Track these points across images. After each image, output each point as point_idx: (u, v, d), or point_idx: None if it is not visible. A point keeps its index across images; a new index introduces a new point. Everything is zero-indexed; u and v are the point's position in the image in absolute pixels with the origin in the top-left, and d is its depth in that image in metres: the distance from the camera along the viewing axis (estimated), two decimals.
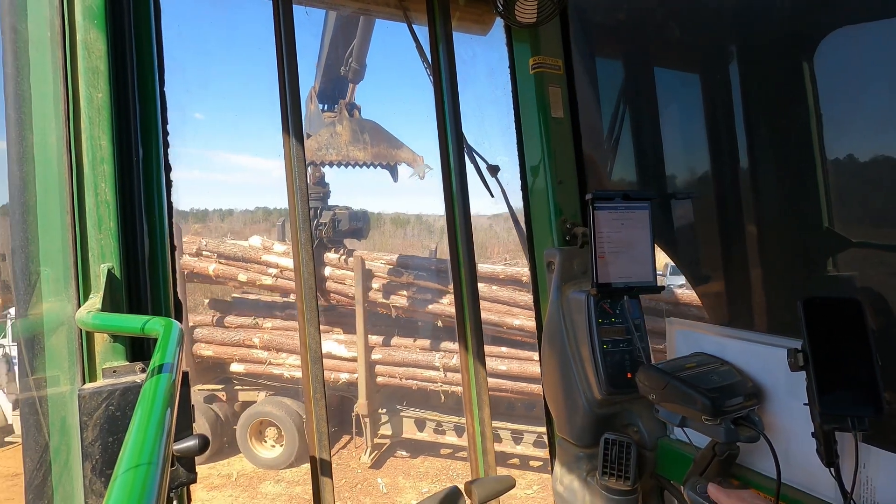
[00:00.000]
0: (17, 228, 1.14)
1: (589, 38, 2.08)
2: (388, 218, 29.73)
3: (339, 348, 7.06)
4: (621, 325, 1.51)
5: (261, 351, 7.27)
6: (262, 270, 7.42)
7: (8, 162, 1.15)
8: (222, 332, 7.39)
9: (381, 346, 7.01)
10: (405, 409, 7.15)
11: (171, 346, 0.83)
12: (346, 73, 5.82)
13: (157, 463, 0.51)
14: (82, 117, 1.17)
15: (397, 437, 7.23)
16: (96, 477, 1.01)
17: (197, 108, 67.24)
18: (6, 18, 1.15)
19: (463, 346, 1.92)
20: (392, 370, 6.94)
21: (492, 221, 24.24)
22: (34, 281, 1.15)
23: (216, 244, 7.82)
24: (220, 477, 7.06)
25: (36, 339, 1.16)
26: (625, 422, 1.54)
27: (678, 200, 2.07)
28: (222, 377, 7.69)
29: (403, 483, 6.81)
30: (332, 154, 5.83)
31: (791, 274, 1.80)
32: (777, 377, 1.17)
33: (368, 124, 6.14)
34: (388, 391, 7.20)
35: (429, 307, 6.89)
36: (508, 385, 6.54)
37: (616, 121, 2.12)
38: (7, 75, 1.15)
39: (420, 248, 21.23)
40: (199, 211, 28.53)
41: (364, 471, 6.99)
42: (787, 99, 1.69)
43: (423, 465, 7.24)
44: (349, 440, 7.52)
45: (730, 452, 1.16)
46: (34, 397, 1.15)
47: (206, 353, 7.40)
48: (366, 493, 6.59)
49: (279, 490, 6.79)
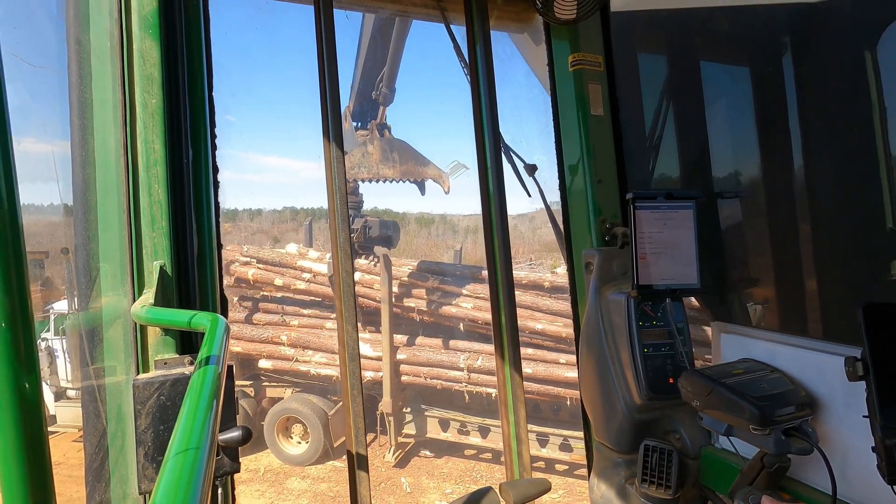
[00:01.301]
0: (80, 227, 1.22)
1: (631, 34, 2.03)
2: (412, 217, 29.95)
3: (365, 347, 7.17)
4: (663, 329, 1.46)
5: (288, 348, 7.49)
6: (297, 275, 7.68)
7: (72, 165, 1.23)
8: (251, 329, 7.66)
9: (406, 346, 7.10)
10: (430, 408, 7.17)
11: (217, 340, 0.87)
12: (377, 97, 6.16)
13: (203, 452, 0.53)
14: (138, 122, 1.23)
15: (421, 436, 7.26)
16: (148, 462, 1.07)
17: (234, 111, 70.14)
18: (71, 31, 1.24)
19: (498, 347, 1.91)
20: (417, 370, 7.01)
21: (516, 222, 23.98)
22: (94, 276, 1.22)
23: (256, 250, 8.20)
24: (248, 471, 7.23)
25: (95, 331, 1.23)
26: (666, 428, 1.49)
27: (724, 200, 1.99)
28: (251, 373, 7.92)
29: (427, 483, 6.80)
30: (363, 172, 6.19)
31: (850, 278, 1.70)
32: (833, 387, 1.11)
33: (398, 143, 6.46)
34: (413, 391, 7.25)
35: (452, 311, 6.94)
36: (535, 388, 6.47)
37: (659, 117, 2.05)
38: (72, 84, 1.23)
39: (444, 248, 21.23)
40: (230, 210, 29.66)
41: (388, 469, 7.02)
42: (846, 92, 1.59)
43: (447, 466, 7.22)
44: (373, 438, 7.56)
45: (780, 465, 1.11)
46: (94, 385, 1.22)
47: (235, 349, 7.67)
48: (390, 492, 6.62)
49: (304, 486, 6.89)
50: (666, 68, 2.14)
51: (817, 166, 1.73)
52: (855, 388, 0.99)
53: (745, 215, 1.99)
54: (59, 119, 1.24)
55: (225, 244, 8.55)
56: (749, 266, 2.00)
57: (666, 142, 2.06)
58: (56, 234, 1.29)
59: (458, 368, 6.82)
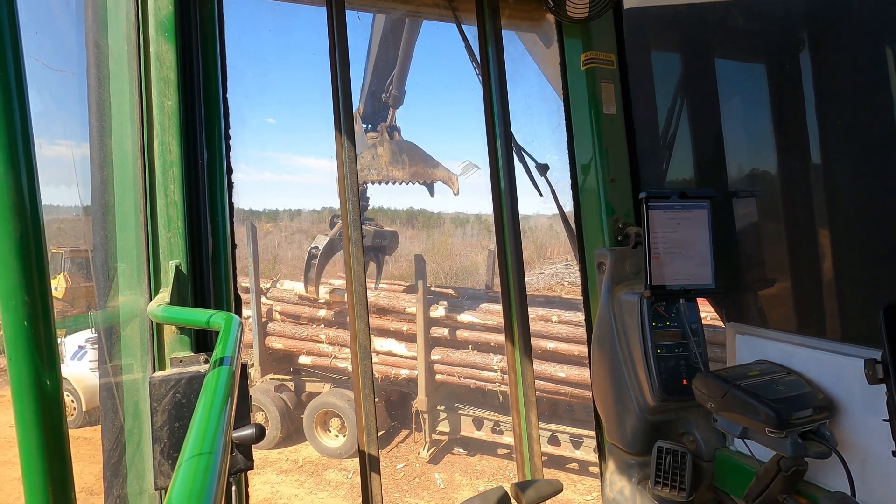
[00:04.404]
0: (98, 227, 1.25)
1: (644, 32, 2.01)
2: (448, 217, 30.02)
3: (400, 347, 7.38)
4: (677, 329, 1.44)
5: (326, 346, 7.77)
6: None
7: (91, 166, 1.25)
8: (292, 328, 7.97)
9: (440, 348, 7.25)
10: (463, 407, 7.29)
11: (231, 339, 0.88)
12: (387, 99, 6.21)
13: (218, 449, 0.54)
14: (154, 124, 1.26)
15: (455, 434, 7.39)
16: (164, 459, 1.09)
17: (275, 114, 71.02)
18: (90, 35, 1.26)
19: (510, 346, 1.91)
20: (450, 369, 7.15)
21: (552, 221, 23.89)
22: (112, 275, 1.25)
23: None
24: (288, 462, 7.49)
25: (113, 329, 1.26)
26: (680, 430, 1.48)
27: (740, 199, 1.96)
28: (291, 368, 8.28)
29: (460, 480, 6.91)
30: (373, 174, 6.26)
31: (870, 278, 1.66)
32: (852, 389, 1.09)
33: (407, 145, 6.51)
34: (447, 389, 7.40)
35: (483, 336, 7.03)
36: (567, 389, 6.48)
37: (673, 116, 2.03)
38: (90, 87, 1.25)
39: (479, 247, 21.24)
40: (271, 211, 30.06)
41: (422, 465, 7.17)
42: (867, 89, 1.56)
43: (480, 464, 7.30)
44: (408, 435, 7.75)
45: (797, 468, 1.09)
46: (111, 382, 1.25)
47: (276, 345, 8.01)
48: (424, 487, 6.76)
49: (341, 478, 7.08)
50: (680, 66, 2.11)
51: (836, 164, 1.69)
52: (875, 392, 0.97)
53: (760, 214, 1.96)
54: (78, 122, 1.27)
55: (266, 246, 8.77)
56: (766, 266, 1.97)
57: (680, 140, 2.04)
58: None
59: (490, 369, 6.91)
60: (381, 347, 7.37)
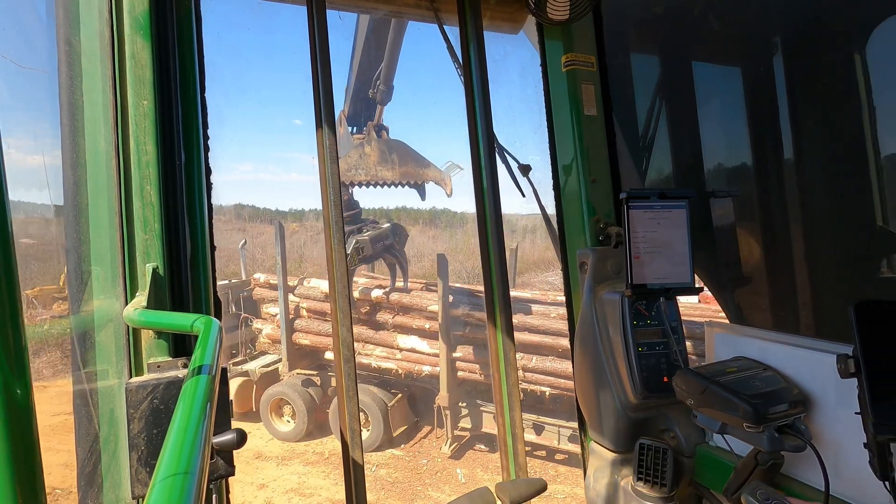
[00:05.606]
0: (71, 229, 1.21)
1: (624, 34, 2.04)
2: (470, 217, 30.14)
3: (422, 344, 7.46)
4: (657, 328, 1.47)
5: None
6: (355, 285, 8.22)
7: (62, 167, 1.21)
8: (318, 324, 8.09)
9: (462, 345, 7.32)
10: (485, 404, 7.35)
11: (210, 343, 0.86)
12: (374, 95, 6.03)
13: (197, 456, 0.53)
14: (130, 124, 1.22)
15: (476, 430, 7.45)
16: (142, 467, 1.06)
17: (300, 115, 70.04)
18: (61, 31, 1.22)
19: (493, 346, 1.92)
20: (472, 366, 7.23)
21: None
22: (86, 279, 1.21)
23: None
24: (314, 454, 7.56)
25: (87, 334, 1.22)
26: (661, 427, 1.50)
27: (716, 199, 2.00)
28: (317, 363, 8.39)
29: (481, 475, 6.99)
30: (361, 174, 6.05)
31: (841, 275, 1.71)
32: (825, 384, 1.12)
33: (396, 144, 6.33)
34: (469, 386, 7.48)
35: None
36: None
37: (652, 117, 2.06)
38: (62, 85, 1.22)
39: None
40: (297, 211, 29.62)
41: (444, 460, 7.29)
42: (836, 92, 1.61)
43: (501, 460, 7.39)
44: (430, 430, 7.87)
45: (774, 462, 1.12)
46: (86, 389, 1.21)
47: (303, 341, 8.15)
48: (445, 482, 6.87)
49: (365, 471, 7.02)
50: (659, 68, 2.15)
51: (808, 165, 1.74)
52: (847, 386, 1.00)
53: (736, 214, 2.00)
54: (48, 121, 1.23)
55: (292, 245, 8.79)
56: (741, 264, 2.01)
57: (659, 141, 2.07)
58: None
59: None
60: (404, 344, 7.44)
